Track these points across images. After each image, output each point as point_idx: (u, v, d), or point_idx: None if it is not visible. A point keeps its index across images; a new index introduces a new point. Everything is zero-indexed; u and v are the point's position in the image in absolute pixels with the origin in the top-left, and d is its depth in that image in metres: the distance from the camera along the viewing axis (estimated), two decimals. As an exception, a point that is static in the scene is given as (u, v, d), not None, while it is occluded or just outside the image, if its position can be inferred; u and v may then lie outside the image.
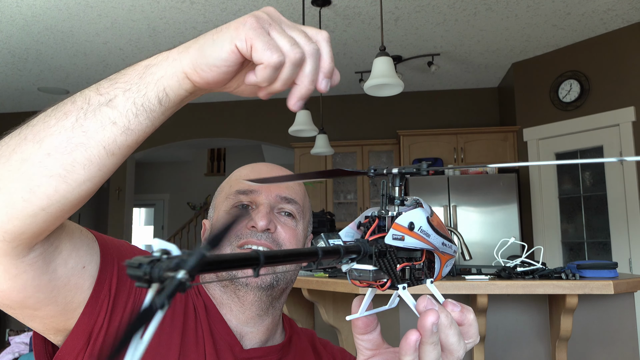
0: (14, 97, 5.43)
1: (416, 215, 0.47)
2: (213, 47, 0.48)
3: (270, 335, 0.83)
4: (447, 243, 0.51)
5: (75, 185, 0.50)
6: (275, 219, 0.82)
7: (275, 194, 0.83)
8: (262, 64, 0.46)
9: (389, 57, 2.52)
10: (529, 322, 2.11)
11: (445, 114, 5.30)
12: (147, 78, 0.52)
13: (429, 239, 0.47)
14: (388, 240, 0.44)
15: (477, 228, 4.35)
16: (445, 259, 0.51)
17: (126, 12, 3.55)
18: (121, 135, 0.51)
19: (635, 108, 3.82)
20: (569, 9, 3.58)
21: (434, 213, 0.51)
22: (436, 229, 0.49)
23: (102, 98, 0.52)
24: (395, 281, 0.46)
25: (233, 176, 0.90)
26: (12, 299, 0.58)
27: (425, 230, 0.47)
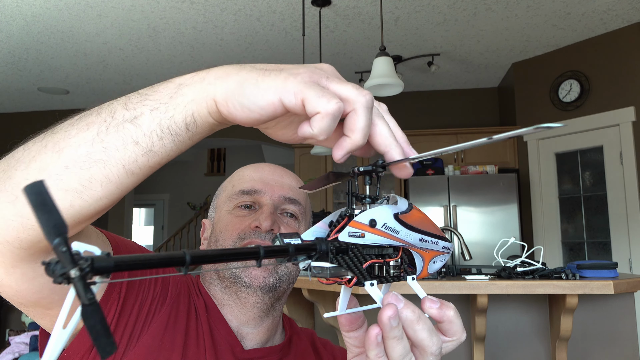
0: (14, 97, 5.43)
1: (380, 211, 0.47)
2: (255, 89, 0.43)
3: (270, 336, 0.83)
4: (430, 239, 0.50)
5: (91, 202, 0.48)
6: (278, 219, 0.82)
7: (279, 194, 0.83)
8: (319, 113, 0.42)
9: (389, 57, 2.52)
10: (529, 322, 2.11)
11: (445, 114, 5.30)
12: (177, 99, 0.47)
13: (398, 235, 0.46)
14: (343, 237, 0.44)
15: (477, 228, 4.35)
16: (429, 256, 0.50)
17: (126, 12, 3.55)
18: (143, 156, 0.48)
19: (635, 108, 3.82)
20: (569, 8, 3.58)
21: (412, 209, 0.50)
22: (410, 225, 0.48)
23: (128, 114, 0.48)
24: (362, 278, 0.45)
25: (235, 176, 0.89)
26: (28, 298, 0.59)
27: (391, 226, 0.46)
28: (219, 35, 3.91)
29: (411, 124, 5.32)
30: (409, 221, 0.48)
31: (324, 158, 5.19)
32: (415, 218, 0.50)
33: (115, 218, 5.79)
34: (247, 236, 0.79)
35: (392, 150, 0.47)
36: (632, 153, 3.82)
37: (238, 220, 0.81)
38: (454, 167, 4.54)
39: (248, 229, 0.80)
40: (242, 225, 0.80)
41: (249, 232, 0.79)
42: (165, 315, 0.73)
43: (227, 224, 0.82)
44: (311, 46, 4.09)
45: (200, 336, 0.76)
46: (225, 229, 0.81)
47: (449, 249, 0.53)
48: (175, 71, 4.67)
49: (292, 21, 3.70)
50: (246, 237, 0.79)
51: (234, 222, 0.81)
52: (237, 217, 0.82)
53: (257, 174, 0.87)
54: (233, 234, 0.80)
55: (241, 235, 0.80)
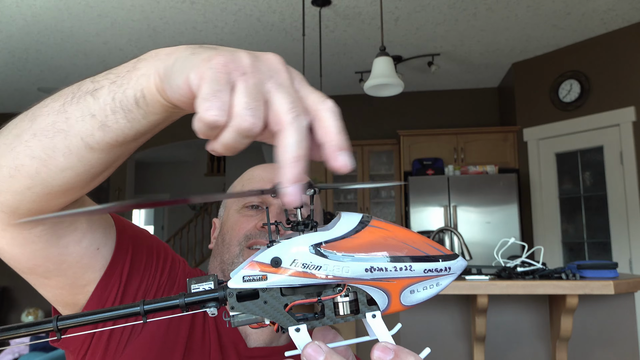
0: (14, 97, 5.43)
1: (292, 245, 0.39)
2: (180, 67, 0.41)
3: (274, 337, 0.83)
4: (393, 266, 0.41)
5: (56, 171, 0.49)
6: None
7: None
8: (198, 115, 0.39)
9: (389, 57, 2.52)
10: (529, 322, 2.11)
11: (446, 114, 5.30)
12: (132, 73, 0.47)
13: (320, 272, 0.39)
14: (234, 284, 0.39)
15: (477, 228, 4.34)
16: (397, 286, 0.41)
17: (126, 12, 3.55)
18: (98, 130, 0.47)
19: (635, 108, 3.82)
20: (569, 9, 3.58)
21: (362, 231, 0.41)
22: (347, 255, 0.40)
23: (92, 86, 0.48)
24: (285, 322, 0.40)
25: (245, 176, 0.89)
26: (22, 264, 0.59)
27: (305, 262, 0.39)
28: (219, 35, 3.91)
29: (411, 124, 5.32)
30: (345, 249, 0.40)
31: (324, 158, 5.18)
32: (361, 242, 0.40)
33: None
34: (252, 236, 0.79)
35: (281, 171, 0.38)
36: (632, 153, 3.82)
37: (245, 219, 0.81)
38: (454, 167, 4.54)
39: (254, 229, 0.80)
40: (249, 225, 0.80)
41: (255, 232, 0.79)
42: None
43: (234, 223, 0.82)
44: (311, 46, 4.09)
45: (206, 331, 0.76)
46: (232, 229, 0.82)
47: (442, 271, 0.43)
48: (175, 71, 4.67)
49: (292, 21, 3.69)
50: (252, 237, 0.79)
51: (241, 221, 0.81)
52: (244, 216, 0.82)
53: (266, 173, 0.87)
54: (239, 234, 0.80)
55: (247, 235, 0.80)
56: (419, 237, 0.43)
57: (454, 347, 2.16)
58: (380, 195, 5.22)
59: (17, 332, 0.40)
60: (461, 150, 4.74)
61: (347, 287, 0.41)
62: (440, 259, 0.43)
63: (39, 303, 5.63)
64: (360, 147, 5.16)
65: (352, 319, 0.42)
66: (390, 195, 5.18)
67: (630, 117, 3.84)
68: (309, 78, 4.88)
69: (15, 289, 5.75)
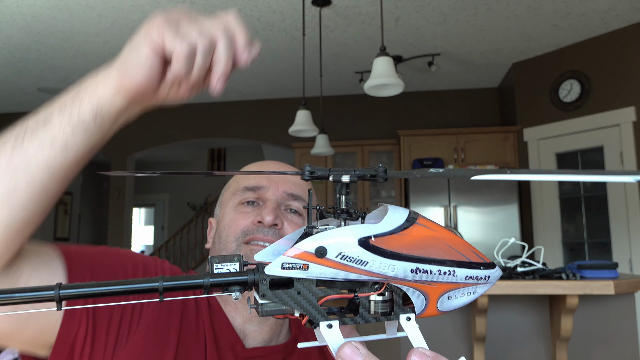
0: (14, 97, 5.43)
1: (339, 235, 0.37)
2: (133, 51, 0.50)
3: (274, 335, 0.82)
4: (438, 268, 0.39)
5: (18, 208, 0.50)
6: (282, 215, 0.81)
7: (283, 190, 0.83)
8: (175, 56, 0.49)
9: (389, 57, 2.51)
10: (529, 323, 2.11)
11: (446, 114, 5.30)
12: (80, 95, 0.53)
13: (365, 267, 0.37)
14: (271, 270, 0.36)
15: (478, 228, 4.34)
16: (437, 290, 0.40)
17: (126, 12, 3.55)
18: (61, 153, 0.51)
19: (635, 108, 3.82)
20: (570, 9, 3.58)
21: (410, 227, 0.39)
22: (393, 253, 0.37)
23: (39, 118, 0.53)
24: (316, 317, 0.37)
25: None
26: None
27: (351, 256, 0.36)
28: (219, 35, 3.91)
29: (411, 124, 5.32)
30: (393, 246, 0.38)
31: (324, 158, 5.19)
32: (409, 241, 0.38)
33: (116, 218, 5.79)
34: (250, 232, 0.79)
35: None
36: (633, 153, 3.81)
37: (242, 216, 0.81)
38: (455, 167, 4.54)
39: (251, 225, 0.79)
40: (246, 221, 0.80)
41: (252, 228, 0.79)
42: (155, 311, 0.73)
43: (230, 220, 0.82)
44: (311, 46, 4.09)
45: (200, 332, 0.75)
46: (229, 226, 0.81)
47: (481, 279, 0.41)
48: (176, 71, 4.67)
49: (292, 21, 3.69)
50: (249, 233, 0.79)
51: (238, 218, 0.81)
52: (240, 213, 0.82)
53: (262, 170, 0.88)
54: (236, 230, 0.80)
55: (244, 232, 0.79)
56: (462, 241, 0.42)
57: (454, 347, 2.16)
58: (381, 196, 5.22)
59: (11, 298, 0.34)
60: (461, 150, 4.74)
61: (386, 286, 0.39)
62: (482, 267, 0.41)
63: (39, 303, 5.62)
64: (360, 147, 5.16)
65: (386, 320, 0.40)
66: (390, 195, 5.18)
67: (630, 117, 3.84)
68: (309, 78, 4.89)
69: (16, 289, 5.75)
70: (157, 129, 5.78)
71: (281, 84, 5.10)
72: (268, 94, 5.45)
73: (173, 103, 0.57)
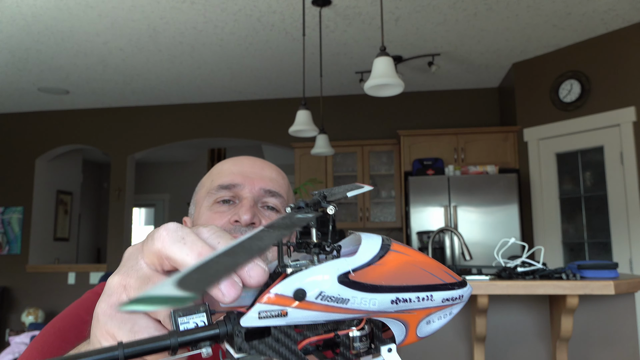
0: (14, 97, 5.43)
1: (317, 274, 0.34)
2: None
3: None
4: (417, 295, 0.37)
5: None
6: (259, 213, 0.79)
7: (259, 187, 0.81)
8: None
9: (389, 57, 2.51)
10: (529, 323, 2.11)
11: (446, 114, 5.30)
12: None
13: (347, 305, 0.34)
14: (249, 321, 0.32)
15: (478, 228, 4.34)
16: (416, 317, 0.38)
17: (126, 12, 3.55)
18: None
19: (635, 108, 3.82)
20: (570, 9, 3.58)
21: (385, 256, 0.37)
22: (373, 286, 0.35)
23: None
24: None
25: (214, 170, 0.87)
26: None
27: (332, 295, 0.33)
28: (219, 35, 3.91)
29: (411, 124, 5.32)
30: (373, 278, 0.35)
31: (324, 158, 5.18)
32: (386, 270, 0.36)
33: (116, 218, 5.79)
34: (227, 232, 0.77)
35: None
36: (633, 153, 3.81)
37: (217, 216, 0.79)
38: (455, 167, 4.54)
39: (228, 225, 0.77)
40: (222, 220, 0.78)
41: (229, 228, 0.77)
42: None
43: (206, 220, 0.79)
44: (311, 46, 4.09)
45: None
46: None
47: (456, 299, 0.40)
48: (176, 71, 4.67)
49: (292, 21, 3.69)
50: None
51: (213, 218, 0.79)
52: (216, 212, 0.79)
53: (236, 167, 0.84)
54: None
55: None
56: (435, 262, 0.40)
57: (454, 347, 2.16)
58: (381, 195, 5.22)
59: None
60: (461, 150, 4.74)
61: (366, 321, 0.37)
62: (456, 287, 0.39)
63: (39, 303, 5.63)
64: (360, 147, 5.16)
65: (370, 358, 0.37)
66: (390, 195, 5.18)
67: (630, 117, 3.84)
68: (309, 78, 4.89)
69: (16, 289, 5.75)
70: (157, 129, 5.78)
71: (281, 84, 5.10)
72: (268, 94, 5.44)
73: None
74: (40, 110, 5.92)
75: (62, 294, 5.65)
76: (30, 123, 5.95)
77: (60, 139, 5.89)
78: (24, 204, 5.84)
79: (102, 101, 5.63)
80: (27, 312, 5.38)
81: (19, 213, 5.82)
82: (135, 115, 5.82)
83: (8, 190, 5.89)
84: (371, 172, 5.17)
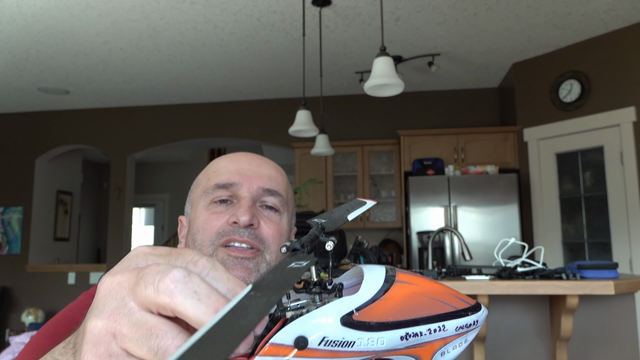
0: (14, 97, 5.43)
1: (319, 318, 0.31)
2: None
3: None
4: (427, 328, 0.34)
5: None
6: (258, 213, 0.77)
7: (257, 185, 0.78)
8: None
9: (389, 57, 2.51)
10: (529, 323, 2.11)
11: (446, 114, 5.30)
12: None
13: (352, 349, 0.31)
14: None
15: (478, 228, 4.34)
16: (429, 350, 0.36)
17: (126, 12, 3.55)
18: None
19: (635, 108, 3.82)
20: (570, 9, 3.58)
21: (390, 289, 0.34)
22: (380, 324, 0.32)
23: None
24: None
25: (211, 168, 0.83)
26: None
27: (336, 339, 0.31)
28: (219, 35, 3.91)
29: (411, 124, 5.32)
30: (378, 315, 0.33)
31: (324, 158, 5.18)
32: (393, 304, 0.34)
33: (116, 218, 5.79)
34: (225, 234, 0.75)
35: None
36: (633, 153, 3.81)
37: (215, 216, 0.76)
38: (455, 167, 4.54)
39: (226, 226, 0.75)
40: (220, 221, 0.76)
41: (228, 229, 0.75)
42: None
43: (204, 221, 0.77)
44: (311, 46, 4.09)
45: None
46: (203, 228, 0.76)
47: (471, 325, 0.37)
48: (176, 71, 4.67)
49: (292, 21, 3.69)
50: (225, 234, 0.75)
51: (211, 219, 0.76)
52: (213, 213, 0.77)
53: (233, 165, 0.81)
54: (211, 232, 0.75)
55: (219, 233, 0.75)
56: (445, 288, 0.38)
57: (454, 348, 2.16)
58: (381, 196, 5.22)
59: None
60: (461, 150, 4.74)
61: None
62: (470, 312, 0.37)
63: (39, 303, 5.63)
64: (360, 147, 5.16)
65: None
66: (390, 196, 5.18)
67: (630, 117, 3.84)
68: (309, 78, 4.89)
69: (16, 289, 5.75)
70: (157, 129, 5.78)
71: (281, 84, 5.10)
72: (268, 94, 5.44)
73: None
74: (40, 110, 5.92)
75: (62, 294, 5.65)
76: (30, 123, 5.95)
77: (60, 139, 5.89)
78: (24, 204, 5.84)
79: (102, 101, 5.63)
80: (27, 312, 5.38)
81: (19, 213, 5.82)
82: (135, 115, 5.82)
83: (8, 190, 5.89)
84: (371, 172, 5.17)
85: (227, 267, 0.72)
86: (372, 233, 5.35)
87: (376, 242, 5.34)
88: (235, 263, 0.73)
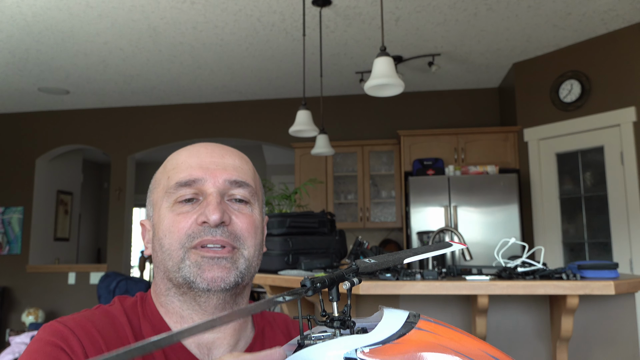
0: (14, 97, 5.43)
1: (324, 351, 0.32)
2: None
3: (240, 336, 0.75)
4: None
5: None
6: (227, 208, 0.71)
7: (223, 178, 0.72)
8: None
9: (389, 57, 2.51)
10: (529, 323, 2.11)
11: (446, 114, 5.30)
12: None
13: None
14: None
15: (478, 228, 4.34)
16: None
17: (126, 12, 3.55)
18: None
19: (636, 108, 3.81)
20: (570, 9, 3.58)
21: (410, 333, 0.33)
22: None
23: None
24: None
25: (169, 164, 0.76)
26: None
27: None
28: (219, 35, 3.91)
29: (411, 124, 5.32)
30: (392, 356, 0.31)
31: (324, 158, 5.18)
32: (404, 351, 0.32)
33: (116, 218, 5.79)
34: (196, 235, 0.69)
35: None
36: (633, 153, 3.81)
37: (181, 217, 0.70)
38: (455, 167, 4.54)
39: (195, 226, 0.69)
40: (188, 222, 0.69)
41: (197, 230, 0.69)
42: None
43: (170, 224, 0.70)
44: (311, 46, 4.09)
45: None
46: (170, 231, 0.70)
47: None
48: (176, 71, 4.67)
49: (293, 21, 3.69)
50: (195, 236, 0.69)
51: (177, 220, 0.70)
52: (179, 214, 0.70)
53: (193, 159, 0.73)
54: (180, 235, 0.69)
55: (189, 235, 0.69)
56: (477, 344, 0.34)
57: (454, 348, 2.16)
58: (381, 196, 5.22)
59: None
60: (461, 151, 4.74)
61: None
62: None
63: (39, 303, 5.63)
64: (360, 147, 5.16)
65: None
66: (390, 196, 5.18)
67: (630, 117, 3.84)
68: (309, 78, 4.89)
69: (16, 289, 5.75)
70: (157, 129, 5.78)
71: (281, 84, 5.10)
72: (268, 94, 5.44)
73: None
74: (40, 110, 5.92)
75: (62, 294, 5.65)
76: (30, 123, 5.95)
77: (60, 139, 5.89)
78: (24, 204, 5.84)
79: (102, 101, 5.63)
80: (28, 312, 5.38)
81: (19, 213, 5.82)
82: (135, 115, 5.82)
83: (8, 190, 5.89)
84: (371, 172, 5.17)
85: (203, 268, 0.68)
86: (372, 233, 5.35)
87: (376, 242, 5.34)
88: (211, 264, 0.68)
